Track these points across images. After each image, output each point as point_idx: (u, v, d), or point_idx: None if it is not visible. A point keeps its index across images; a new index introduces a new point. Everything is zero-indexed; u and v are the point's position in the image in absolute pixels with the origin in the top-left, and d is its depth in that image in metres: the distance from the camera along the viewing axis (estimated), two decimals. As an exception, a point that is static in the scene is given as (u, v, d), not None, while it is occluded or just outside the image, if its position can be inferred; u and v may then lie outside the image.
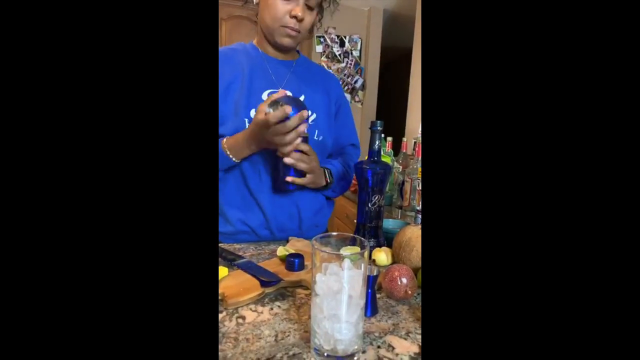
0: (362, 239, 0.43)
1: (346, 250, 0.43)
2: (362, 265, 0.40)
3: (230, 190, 0.81)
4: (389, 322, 0.50)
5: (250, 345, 0.43)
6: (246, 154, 0.74)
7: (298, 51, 0.89)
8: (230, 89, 0.78)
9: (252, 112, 0.77)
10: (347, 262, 0.39)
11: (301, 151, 0.71)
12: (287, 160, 0.70)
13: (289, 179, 0.73)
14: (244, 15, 2.57)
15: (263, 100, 0.78)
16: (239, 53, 0.82)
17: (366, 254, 0.40)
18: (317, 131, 0.83)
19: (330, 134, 0.88)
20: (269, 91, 0.79)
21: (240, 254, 0.71)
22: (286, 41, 0.77)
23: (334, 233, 0.46)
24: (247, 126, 0.76)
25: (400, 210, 1.43)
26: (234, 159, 0.74)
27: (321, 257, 0.40)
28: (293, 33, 0.75)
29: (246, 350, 0.42)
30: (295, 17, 0.72)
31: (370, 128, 0.72)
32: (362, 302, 0.41)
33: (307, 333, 0.46)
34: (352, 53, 3.07)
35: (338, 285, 0.39)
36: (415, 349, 0.44)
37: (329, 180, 0.82)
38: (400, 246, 0.65)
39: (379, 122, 0.71)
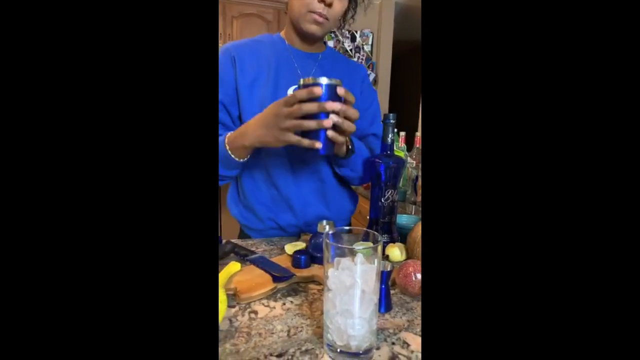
0: (376, 233, 0.42)
1: (359, 245, 0.42)
2: (375, 260, 0.39)
3: (259, 189, 0.81)
4: (404, 318, 0.49)
5: (263, 340, 0.43)
6: (248, 144, 0.65)
7: (325, 42, 0.87)
8: (254, 86, 0.76)
9: None
10: (359, 257, 0.38)
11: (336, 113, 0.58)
12: (333, 119, 0.57)
13: (330, 133, 0.58)
14: (254, 12, 2.58)
15: None
16: (265, 46, 0.80)
17: (379, 248, 0.39)
18: None
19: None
20: (294, 87, 0.77)
21: (252, 249, 0.71)
22: (313, 28, 0.74)
23: (347, 227, 0.45)
24: None
25: (414, 206, 1.41)
26: (234, 157, 0.67)
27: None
28: (320, 19, 0.72)
29: (258, 345, 0.42)
30: (323, 1, 0.70)
31: (382, 121, 0.71)
32: (376, 297, 0.40)
33: (320, 329, 0.45)
34: (363, 48, 3.04)
35: (351, 280, 0.38)
36: (430, 346, 0.43)
37: (349, 147, 0.73)
38: (415, 242, 0.64)
39: (391, 114, 0.70)
